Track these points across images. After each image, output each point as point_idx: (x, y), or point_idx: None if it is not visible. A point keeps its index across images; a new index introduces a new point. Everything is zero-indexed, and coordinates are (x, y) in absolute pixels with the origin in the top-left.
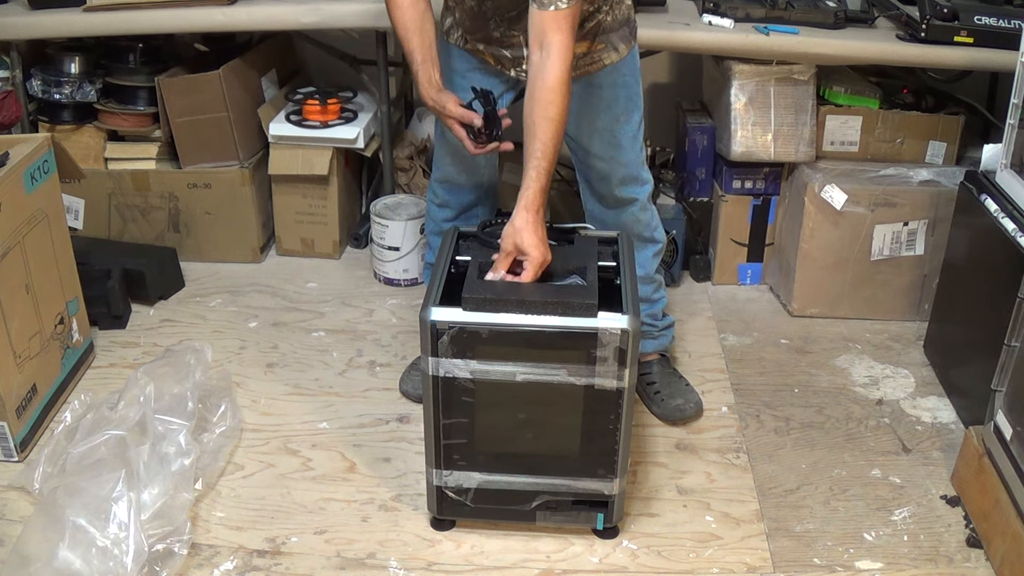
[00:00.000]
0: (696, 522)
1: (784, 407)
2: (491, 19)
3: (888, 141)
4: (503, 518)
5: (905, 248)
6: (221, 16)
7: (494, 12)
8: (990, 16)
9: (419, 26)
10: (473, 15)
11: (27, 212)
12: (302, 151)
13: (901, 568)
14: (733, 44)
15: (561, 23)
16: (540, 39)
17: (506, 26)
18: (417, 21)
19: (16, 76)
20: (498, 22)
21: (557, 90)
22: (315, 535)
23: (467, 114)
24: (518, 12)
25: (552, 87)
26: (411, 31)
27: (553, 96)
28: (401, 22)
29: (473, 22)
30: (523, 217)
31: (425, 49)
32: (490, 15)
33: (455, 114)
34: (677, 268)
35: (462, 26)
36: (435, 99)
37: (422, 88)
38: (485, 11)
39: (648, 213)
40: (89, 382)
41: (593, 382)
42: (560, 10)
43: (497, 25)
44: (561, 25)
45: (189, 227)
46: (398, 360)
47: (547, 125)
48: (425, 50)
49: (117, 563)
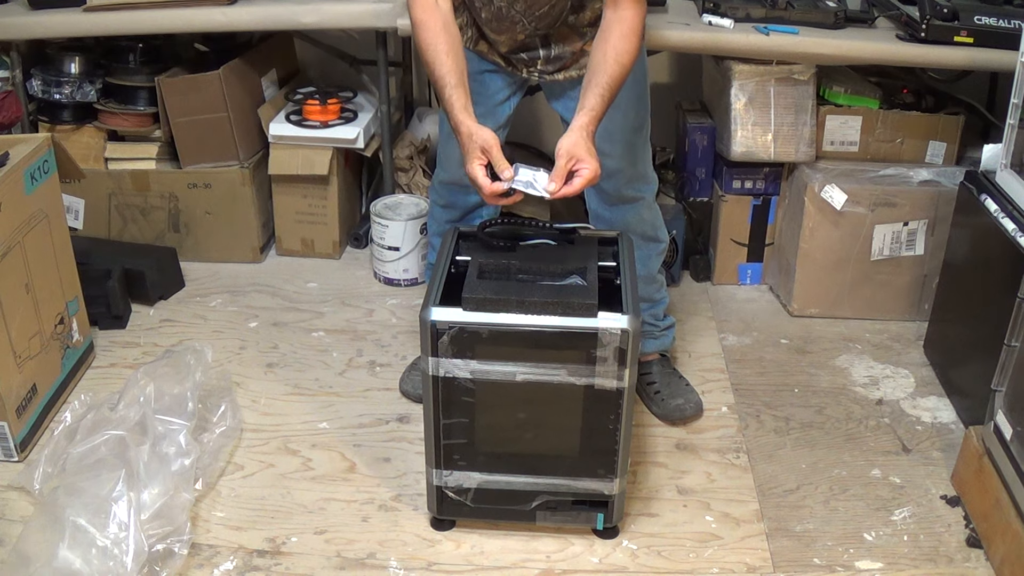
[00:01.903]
0: (696, 522)
1: (784, 407)
2: (519, 21)
3: (888, 141)
4: (503, 518)
5: (905, 248)
6: (221, 16)
7: (523, 13)
8: (990, 16)
9: (453, 48)
10: (500, 16)
11: (27, 212)
12: (302, 151)
13: (901, 568)
14: (733, 44)
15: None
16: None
17: (534, 26)
18: (451, 43)
19: (16, 76)
20: (526, 23)
21: (634, 37)
22: (315, 535)
23: (509, 171)
24: (549, 7)
25: (632, 30)
26: (444, 53)
27: (629, 45)
28: (433, 46)
29: (500, 23)
30: (579, 134)
31: (460, 73)
32: (518, 18)
33: (498, 162)
34: (677, 268)
35: (488, 26)
36: (475, 133)
37: (456, 113)
38: (513, 14)
39: (652, 212)
40: (89, 382)
41: (593, 382)
42: None
43: (524, 27)
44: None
45: (189, 227)
46: (398, 360)
47: (619, 69)
48: (460, 74)
49: (117, 563)
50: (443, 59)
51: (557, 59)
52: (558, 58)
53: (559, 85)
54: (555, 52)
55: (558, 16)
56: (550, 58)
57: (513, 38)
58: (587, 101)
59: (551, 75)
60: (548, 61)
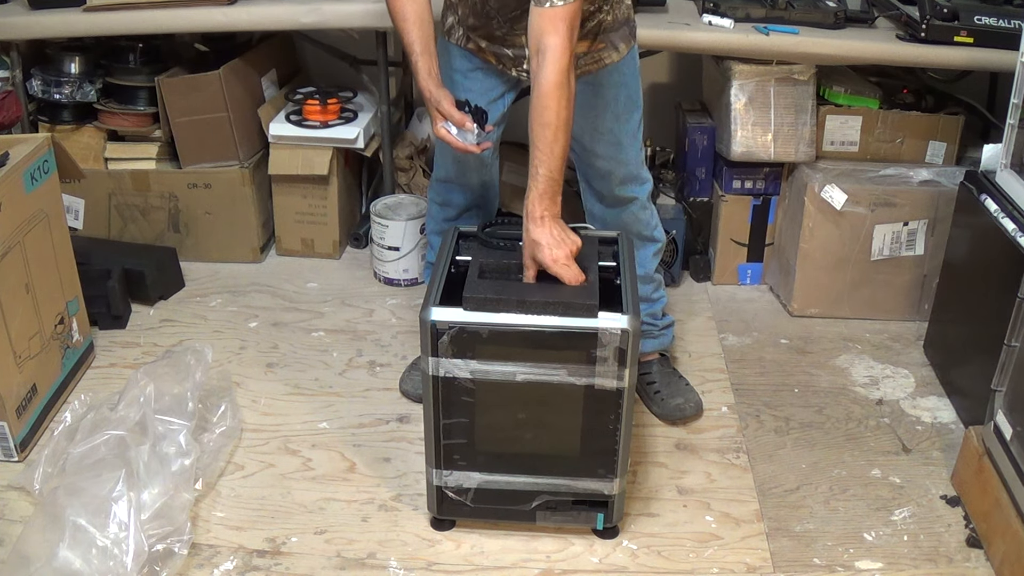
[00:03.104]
0: (696, 522)
1: (784, 407)
2: (494, 18)
3: (888, 141)
4: (503, 518)
5: (905, 248)
6: (221, 16)
7: (497, 11)
8: (990, 16)
9: (419, 17)
10: (477, 12)
11: (27, 212)
12: (302, 151)
13: (901, 568)
14: (733, 44)
15: (558, 24)
16: (537, 43)
17: (509, 25)
18: (418, 13)
19: (16, 76)
20: (501, 21)
21: (551, 95)
22: (315, 535)
23: (460, 117)
24: (521, 11)
25: (546, 92)
26: (410, 23)
27: (547, 102)
28: (401, 14)
29: (477, 19)
30: (527, 227)
31: (425, 41)
32: (493, 14)
33: (448, 112)
34: (677, 268)
35: (464, 24)
36: (433, 93)
37: (420, 79)
38: (488, 10)
39: (648, 212)
40: (89, 382)
41: (593, 382)
42: (556, 8)
43: (500, 24)
44: (558, 26)
45: (189, 227)
46: (398, 360)
47: (542, 131)
48: (425, 42)
49: (117, 563)
50: (408, 27)
51: None
52: None
53: None
54: None
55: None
56: None
57: (490, 34)
58: (529, 184)
59: None
60: None
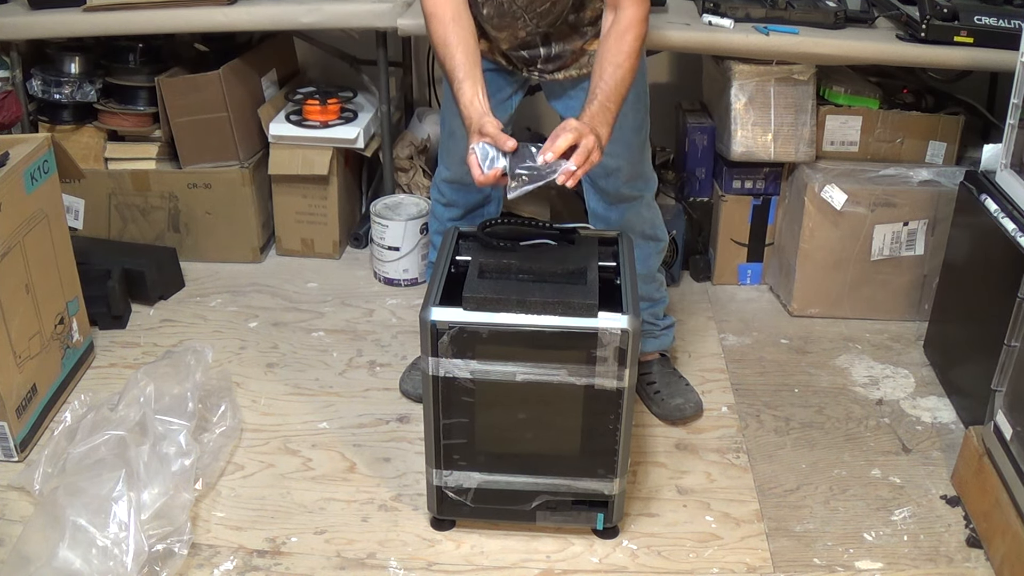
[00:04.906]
0: (696, 522)
1: (784, 407)
2: (520, 17)
3: (888, 141)
4: (503, 518)
5: (905, 248)
6: (221, 16)
7: (525, 9)
8: (990, 16)
9: (464, 42)
10: (502, 12)
11: (27, 212)
12: (302, 151)
13: (901, 568)
14: (733, 44)
15: None
16: (615, 3)
17: (535, 23)
18: (461, 37)
19: (16, 76)
20: (527, 19)
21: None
22: (315, 535)
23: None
24: (551, 4)
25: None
26: (453, 46)
27: (626, 46)
28: (443, 39)
29: (501, 19)
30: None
31: (469, 67)
32: (519, 14)
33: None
34: (677, 268)
35: (489, 23)
36: (474, 121)
37: (460, 108)
38: (515, 10)
39: (651, 211)
40: (89, 382)
41: (593, 382)
42: None
43: (526, 23)
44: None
45: (189, 227)
46: (398, 360)
47: (614, 70)
48: (468, 67)
49: (117, 563)
50: (452, 52)
51: (557, 58)
52: (558, 57)
53: (559, 84)
54: (555, 51)
55: (560, 14)
56: (550, 57)
57: (514, 35)
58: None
59: (551, 74)
60: (548, 60)
